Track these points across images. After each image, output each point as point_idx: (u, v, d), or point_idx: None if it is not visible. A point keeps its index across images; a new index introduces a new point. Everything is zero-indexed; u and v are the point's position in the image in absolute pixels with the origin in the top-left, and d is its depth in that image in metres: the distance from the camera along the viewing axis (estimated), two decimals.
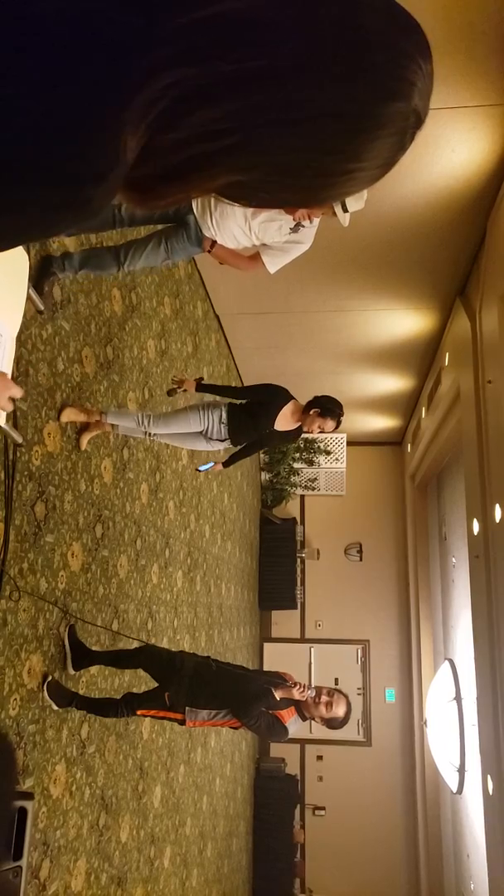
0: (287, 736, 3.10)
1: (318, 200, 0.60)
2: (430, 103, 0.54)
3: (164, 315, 4.80)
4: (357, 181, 0.57)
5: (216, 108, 0.51)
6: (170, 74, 0.49)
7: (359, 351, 7.39)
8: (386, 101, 0.52)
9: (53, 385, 2.96)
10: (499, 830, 4.56)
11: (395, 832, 9.33)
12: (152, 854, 4.30)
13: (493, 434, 4.81)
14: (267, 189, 0.58)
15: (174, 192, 0.57)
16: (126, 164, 0.51)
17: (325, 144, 0.54)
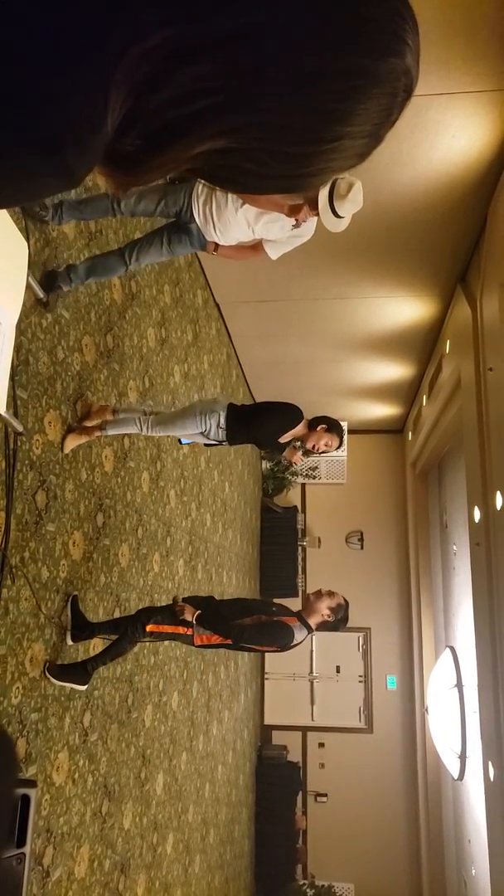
0: (294, 640, 3.12)
1: (301, 176, 0.57)
2: (431, 89, 0.52)
3: (163, 303, 4.78)
4: (344, 151, 0.55)
5: (200, 67, 0.49)
6: (154, 34, 0.47)
7: (359, 338, 7.37)
8: (381, 56, 0.50)
9: (54, 374, 2.95)
10: (500, 816, 4.59)
11: (396, 818, 9.41)
12: (155, 841, 4.34)
13: (493, 421, 4.80)
14: (253, 159, 0.55)
15: (157, 161, 0.55)
16: (108, 129, 0.50)
17: (315, 103, 0.51)
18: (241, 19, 0.48)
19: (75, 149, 0.49)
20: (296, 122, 0.52)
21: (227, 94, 0.50)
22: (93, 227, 3.37)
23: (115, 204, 2.97)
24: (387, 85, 0.52)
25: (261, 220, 3.01)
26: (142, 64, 0.47)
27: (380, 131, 0.55)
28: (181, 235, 3.04)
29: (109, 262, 3.09)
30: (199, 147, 0.54)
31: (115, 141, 0.51)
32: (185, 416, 3.35)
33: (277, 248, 3.22)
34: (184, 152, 0.54)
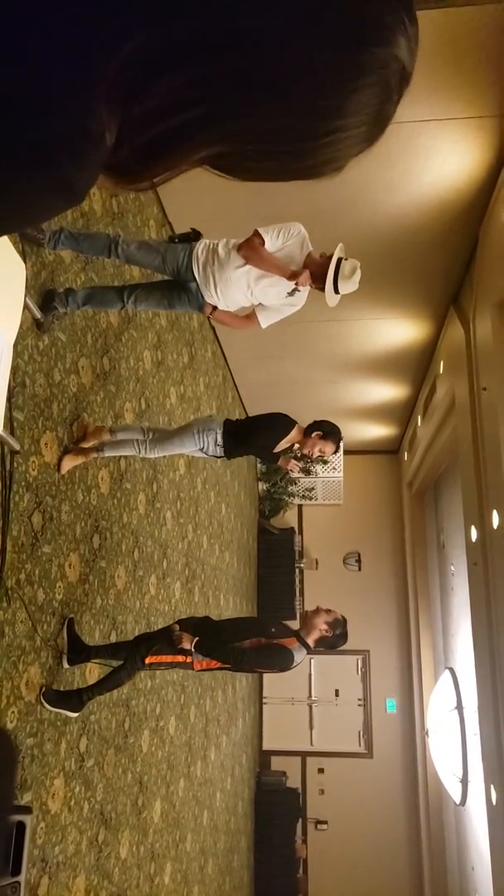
0: (293, 661, 3.10)
1: (307, 167, 0.56)
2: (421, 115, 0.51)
3: (159, 326, 4.81)
4: (345, 142, 0.54)
5: (182, 75, 0.48)
6: (136, 41, 0.46)
7: (354, 360, 7.42)
8: (361, 48, 0.49)
9: (50, 396, 2.96)
10: (503, 841, 4.52)
11: (398, 846, 9.24)
12: (152, 870, 4.25)
13: (488, 441, 4.82)
14: (252, 157, 0.55)
15: (156, 170, 0.55)
16: (106, 145, 0.50)
17: (300, 104, 0.50)
18: (213, 23, 0.47)
19: (73, 163, 0.49)
20: (285, 123, 0.51)
21: (211, 103, 0.50)
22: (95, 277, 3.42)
23: (113, 246, 3.02)
24: (374, 75, 0.50)
25: (261, 282, 3.09)
26: (122, 73, 0.47)
27: (384, 114, 0.53)
28: (181, 294, 3.13)
29: (108, 297, 3.15)
30: (194, 155, 0.53)
31: (113, 153, 0.51)
32: (182, 435, 3.37)
33: (269, 317, 3.31)
34: (179, 161, 0.54)
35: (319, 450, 3.39)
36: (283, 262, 3.02)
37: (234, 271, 3.01)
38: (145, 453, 3.36)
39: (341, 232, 3.76)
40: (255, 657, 3.11)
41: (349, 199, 4.58)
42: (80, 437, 3.21)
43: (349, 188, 4.45)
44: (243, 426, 3.46)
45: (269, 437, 3.38)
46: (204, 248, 3.05)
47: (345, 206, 4.64)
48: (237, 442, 3.35)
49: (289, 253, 3.05)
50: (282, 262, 3.02)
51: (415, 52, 0.52)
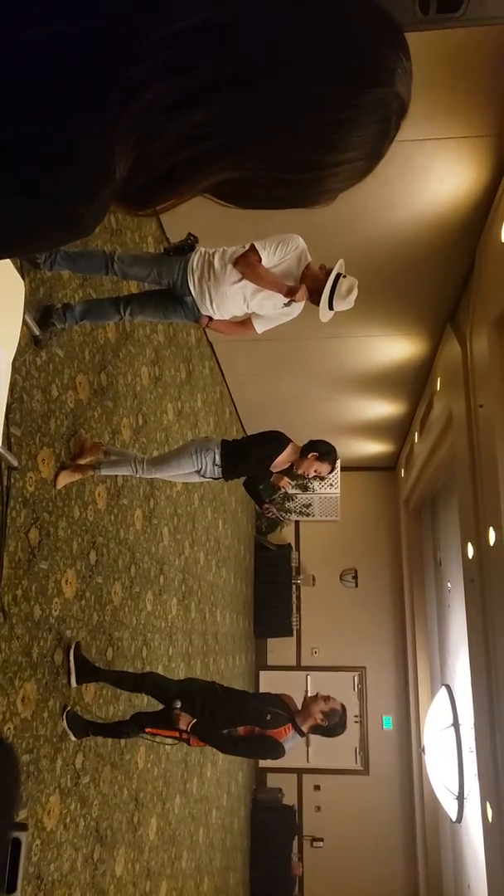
0: (284, 753, 3.15)
1: (312, 195, 0.60)
2: (418, 135, 0.55)
3: (157, 342, 4.85)
4: (346, 173, 0.58)
5: (199, 114, 0.52)
6: (153, 86, 0.50)
7: (352, 377, 7.47)
8: (369, 87, 0.53)
9: (48, 412, 2.99)
10: (499, 859, 4.49)
11: (394, 863, 9.15)
12: (148, 889, 4.21)
13: (485, 458, 4.85)
14: (260, 185, 0.58)
15: (166, 198, 0.58)
16: (116, 181, 0.52)
17: (310, 138, 0.54)
18: (229, 67, 0.51)
19: (85, 200, 0.52)
20: (294, 155, 0.55)
21: (223, 138, 0.53)
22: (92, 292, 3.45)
23: (109, 263, 3.05)
24: (378, 112, 0.54)
25: (257, 296, 3.10)
26: (141, 117, 0.50)
27: (379, 150, 0.58)
28: (176, 306, 3.14)
29: (105, 309, 3.16)
30: (203, 184, 0.57)
31: (124, 185, 0.54)
32: (180, 456, 3.38)
33: (265, 324, 3.33)
34: (190, 190, 0.57)
35: (315, 470, 3.41)
36: (279, 279, 3.04)
37: (229, 286, 3.02)
38: (142, 473, 3.37)
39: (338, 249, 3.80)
40: (246, 748, 3.26)
41: (347, 215, 4.64)
42: (76, 454, 3.23)
43: (347, 205, 4.52)
44: (240, 445, 3.48)
45: (264, 452, 3.40)
46: (199, 259, 3.04)
47: (343, 223, 4.70)
48: (235, 461, 3.37)
49: (286, 268, 3.07)
50: (278, 279, 3.04)
51: (410, 88, 0.56)
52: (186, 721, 3.11)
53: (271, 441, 3.42)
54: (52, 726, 2.90)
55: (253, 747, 3.21)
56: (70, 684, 3.09)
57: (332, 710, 3.25)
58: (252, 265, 2.98)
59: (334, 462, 3.49)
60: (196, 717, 3.14)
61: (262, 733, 3.14)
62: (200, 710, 3.16)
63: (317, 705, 3.25)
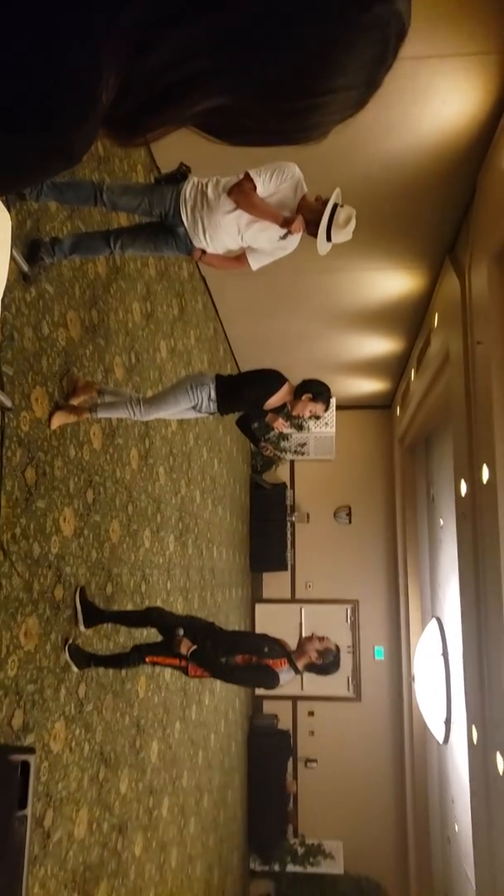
0: (279, 683, 3.26)
1: (304, 128, 0.57)
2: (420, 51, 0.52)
3: (148, 276, 4.75)
4: (340, 103, 0.55)
5: (188, 31, 0.49)
6: (140, 4, 0.47)
7: (348, 313, 7.36)
8: (367, 5, 0.50)
9: (39, 350, 2.95)
10: (482, 777, 4.74)
11: (383, 781, 9.66)
12: (151, 804, 4.45)
13: (481, 395, 4.84)
14: (251, 116, 0.55)
15: (155, 125, 0.55)
16: (104, 103, 0.50)
17: (304, 60, 0.51)
18: None
19: (71, 121, 0.49)
20: (288, 79, 0.52)
21: (217, 57, 0.50)
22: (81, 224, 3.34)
23: (98, 193, 2.94)
24: (376, 33, 0.51)
25: (252, 227, 3.00)
26: (132, 31, 0.48)
27: (375, 78, 0.54)
28: (168, 238, 3.03)
29: (94, 243, 3.07)
30: (194, 108, 0.54)
31: (113, 107, 0.52)
32: (175, 392, 3.37)
33: (260, 259, 3.23)
34: (180, 114, 0.54)
35: (310, 411, 3.41)
36: (275, 209, 2.96)
37: (223, 216, 2.93)
38: (139, 416, 3.36)
39: (335, 178, 3.67)
40: (242, 675, 3.33)
41: (344, 143, 4.46)
42: (69, 393, 3.21)
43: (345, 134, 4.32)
44: (235, 381, 3.46)
45: (260, 390, 3.39)
46: (192, 188, 2.94)
47: (339, 151, 4.53)
48: (230, 396, 3.36)
49: (282, 198, 2.97)
50: (274, 209, 2.95)
51: (410, 7, 0.53)
52: (187, 646, 3.21)
53: (266, 380, 3.40)
54: (55, 658, 3.00)
55: (249, 675, 3.31)
56: (79, 628, 3.20)
57: (326, 650, 3.35)
58: (247, 194, 2.88)
59: (328, 402, 3.48)
60: (199, 650, 3.25)
61: (259, 662, 3.25)
62: (202, 641, 3.27)
63: (312, 644, 3.35)
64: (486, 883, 4.78)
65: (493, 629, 4.49)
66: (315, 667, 3.34)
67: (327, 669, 3.36)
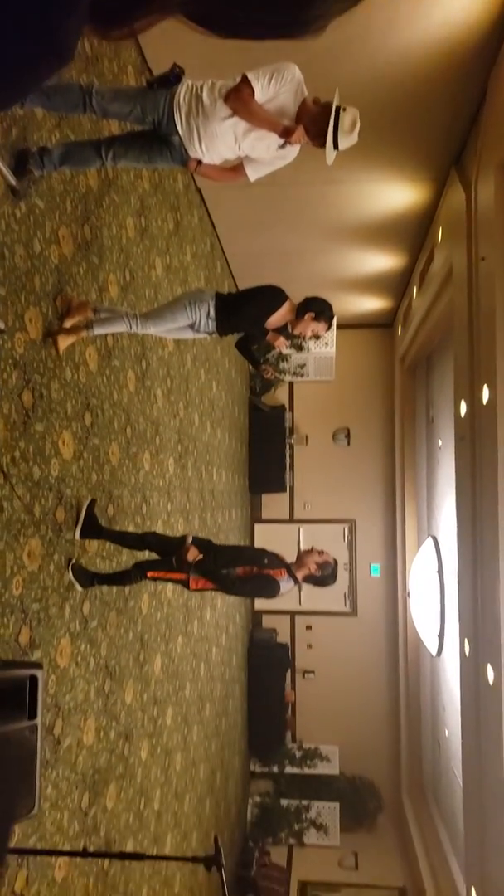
0: (279, 591, 3.34)
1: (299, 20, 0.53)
2: None
3: (142, 190, 4.55)
4: None
5: None
6: None
7: (350, 227, 7.11)
8: None
9: (31, 268, 2.85)
10: (472, 686, 4.96)
11: (378, 690, 10.14)
12: (155, 714, 4.67)
13: (484, 313, 4.74)
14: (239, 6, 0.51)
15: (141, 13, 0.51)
16: None
17: None
18: None
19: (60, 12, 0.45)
20: None
21: None
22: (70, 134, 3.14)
23: (87, 98, 2.74)
24: None
25: (249, 135, 2.81)
26: None
27: None
28: (162, 148, 2.85)
29: (85, 153, 2.90)
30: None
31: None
32: (174, 308, 3.28)
33: (258, 170, 3.06)
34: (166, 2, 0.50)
35: (312, 330, 3.33)
36: (274, 117, 2.78)
37: (220, 124, 2.76)
38: (136, 329, 3.29)
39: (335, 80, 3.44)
40: (244, 585, 3.37)
41: (346, 41, 4.16)
42: (64, 313, 3.13)
43: (346, 29, 4.04)
44: (235, 298, 3.37)
45: (261, 307, 3.30)
46: (186, 93, 2.75)
47: (341, 50, 4.23)
48: (229, 313, 3.27)
49: (281, 104, 2.79)
50: (273, 117, 2.78)
51: None
52: (194, 554, 3.27)
53: (268, 296, 3.30)
54: (59, 578, 3.05)
55: (250, 584, 3.38)
56: (74, 535, 3.22)
57: (325, 563, 3.42)
58: (244, 101, 2.70)
59: (331, 321, 3.40)
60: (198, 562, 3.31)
61: (260, 572, 3.33)
62: (204, 554, 3.34)
63: (311, 557, 3.42)
64: (472, 781, 5.09)
65: (488, 547, 4.58)
66: (314, 578, 3.42)
67: (325, 581, 3.44)
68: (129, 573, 3.44)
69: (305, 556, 3.43)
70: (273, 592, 3.34)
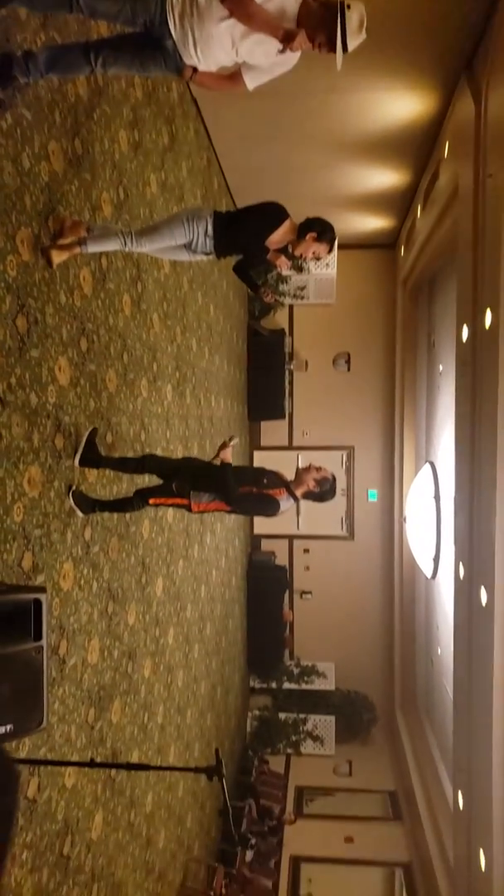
0: (279, 510, 3.39)
1: None
2: None
3: (135, 100, 4.30)
4: None
5: None
6: None
7: (353, 140, 6.79)
8: None
9: (21, 186, 2.72)
10: (466, 607, 5.11)
11: (374, 611, 10.46)
12: (157, 633, 4.82)
13: (489, 233, 4.59)
14: None
15: None
16: None
17: None
18: None
19: None
20: None
21: None
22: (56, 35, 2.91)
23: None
24: None
25: (247, 39, 2.60)
26: None
27: None
28: (155, 53, 2.64)
29: (72, 57, 2.69)
30: None
31: None
32: (171, 225, 3.16)
33: (257, 77, 2.86)
34: None
35: (314, 252, 3.21)
36: (275, 19, 2.58)
37: (216, 26, 2.56)
38: (131, 246, 3.17)
39: None
40: (245, 502, 3.38)
41: None
42: (57, 234, 3.01)
43: None
44: (234, 216, 3.23)
45: (261, 224, 3.17)
46: None
47: None
48: (228, 231, 3.15)
49: (282, 3, 2.60)
50: (274, 20, 2.58)
51: None
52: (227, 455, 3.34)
53: (269, 212, 3.17)
54: (60, 504, 3.08)
55: (251, 502, 3.41)
56: (74, 462, 3.22)
57: (323, 479, 3.45)
58: (242, 1, 2.50)
59: (333, 242, 3.28)
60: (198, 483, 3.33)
61: (260, 491, 3.36)
62: (202, 477, 3.36)
63: (310, 474, 3.44)
64: (462, 695, 5.33)
65: (485, 472, 4.61)
66: (313, 494, 3.46)
67: (324, 497, 3.48)
68: (130, 500, 3.47)
69: (304, 474, 3.45)
70: (273, 511, 3.38)
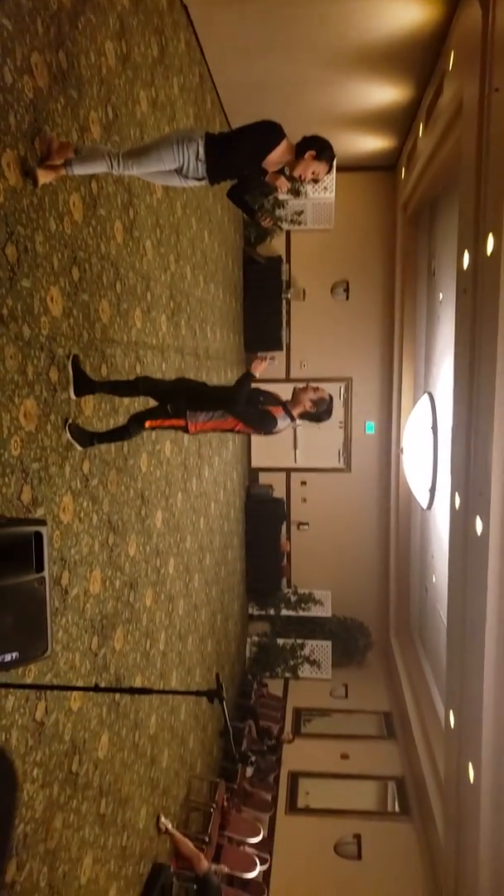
0: (276, 427, 3.39)
1: None
2: None
3: (121, 7, 4.02)
4: None
5: None
6: None
7: (353, 52, 6.42)
8: None
9: (4, 104, 2.57)
10: (461, 537, 5.19)
11: (370, 540, 10.66)
12: (158, 564, 4.91)
13: (493, 153, 4.40)
14: None
15: None
16: None
17: None
18: None
19: None
20: None
21: None
22: None
23: None
24: None
25: None
26: None
27: None
28: None
29: None
30: None
31: None
32: (160, 146, 3.00)
33: None
34: None
35: (312, 172, 3.05)
36: None
37: None
38: (119, 169, 3.01)
39: None
40: (245, 409, 3.33)
41: None
42: (44, 156, 2.87)
43: None
44: (228, 137, 3.07)
45: (257, 144, 3.00)
46: None
47: None
48: (222, 154, 2.99)
49: None
50: None
51: None
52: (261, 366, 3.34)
53: (265, 131, 2.99)
54: (57, 438, 3.06)
55: (250, 413, 3.37)
56: (70, 396, 3.19)
57: (320, 399, 3.44)
58: None
59: (332, 161, 3.12)
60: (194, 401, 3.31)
61: (257, 408, 3.36)
62: (198, 395, 3.35)
63: (307, 394, 3.43)
64: (455, 621, 5.49)
65: (483, 402, 4.59)
66: (309, 415, 3.45)
67: (321, 417, 3.48)
68: (126, 427, 3.43)
69: (301, 394, 3.43)
70: (270, 426, 3.36)
